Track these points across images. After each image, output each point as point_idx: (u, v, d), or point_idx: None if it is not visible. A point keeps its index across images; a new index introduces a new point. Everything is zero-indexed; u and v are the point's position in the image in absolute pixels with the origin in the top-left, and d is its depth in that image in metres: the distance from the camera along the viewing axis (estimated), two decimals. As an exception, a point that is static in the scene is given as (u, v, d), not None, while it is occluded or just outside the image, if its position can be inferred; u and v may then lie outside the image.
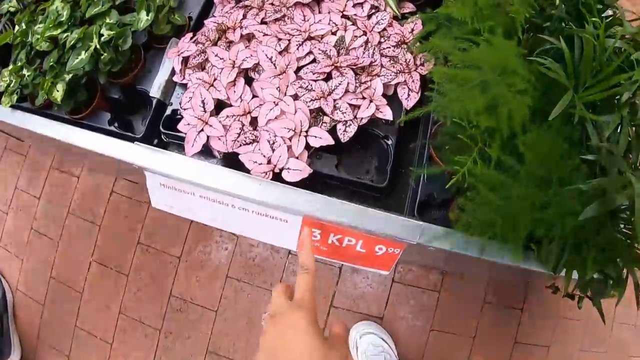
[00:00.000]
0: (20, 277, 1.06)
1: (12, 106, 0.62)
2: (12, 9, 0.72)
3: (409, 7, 0.59)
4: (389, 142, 0.52)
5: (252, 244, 0.90)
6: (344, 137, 0.50)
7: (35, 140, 0.96)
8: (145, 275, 0.92)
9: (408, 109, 0.52)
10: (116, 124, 0.59)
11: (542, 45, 0.41)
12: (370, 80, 0.51)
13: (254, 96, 0.51)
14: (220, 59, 0.52)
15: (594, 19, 0.41)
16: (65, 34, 0.59)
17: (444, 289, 0.93)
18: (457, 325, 0.90)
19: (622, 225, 0.37)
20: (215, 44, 0.54)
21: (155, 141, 0.58)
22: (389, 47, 0.54)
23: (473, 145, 0.40)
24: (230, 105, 0.51)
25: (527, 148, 0.36)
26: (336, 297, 0.91)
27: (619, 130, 0.38)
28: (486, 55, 0.40)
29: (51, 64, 0.57)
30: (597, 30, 0.38)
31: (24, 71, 0.61)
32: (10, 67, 0.64)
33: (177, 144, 0.57)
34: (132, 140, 0.56)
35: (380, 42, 0.54)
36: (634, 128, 0.39)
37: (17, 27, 0.67)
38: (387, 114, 0.50)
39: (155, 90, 0.57)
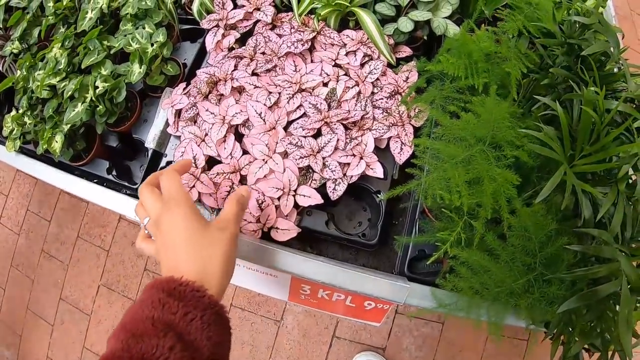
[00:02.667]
0: (31, 297, 1.15)
1: (16, 150, 0.67)
2: (15, 51, 0.77)
3: (406, 52, 0.59)
4: (381, 196, 0.54)
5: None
6: (334, 195, 0.51)
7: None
8: (148, 303, 0.98)
9: (401, 163, 0.53)
10: (114, 173, 0.63)
11: (540, 102, 0.41)
12: (362, 136, 0.53)
13: (244, 152, 0.54)
14: (211, 113, 0.55)
15: (595, 75, 0.40)
16: (64, 83, 0.63)
17: (447, 320, 0.94)
18: (460, 356, 0.91)
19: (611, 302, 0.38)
20: (206, 97, 0.57)
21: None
22: (382, 99, 0.55)
23: (457, 220, 0.41)
24: (221, 162, 0.54)
25: (511, 230, 0.37)
26: (338, 328, 0.94)
27: (614, 206, 0.38)
28: (474, 125, 0.41)
29: (50, 114, 0.62)
30: (598, 92, 0.38)
31: (26, 119, 0.66)
32: (13, 113, 0.69)
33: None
34: (130, 189, 0.60)
35: (373, 93, 0.55)
36: (631, 205, 0.39)
37: (18, 72, 0.72)
38: (377, 171, 0.52)
39: (150, 141, 0.60)
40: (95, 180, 0.63)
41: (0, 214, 1.29)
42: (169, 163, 0.60)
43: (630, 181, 0.40)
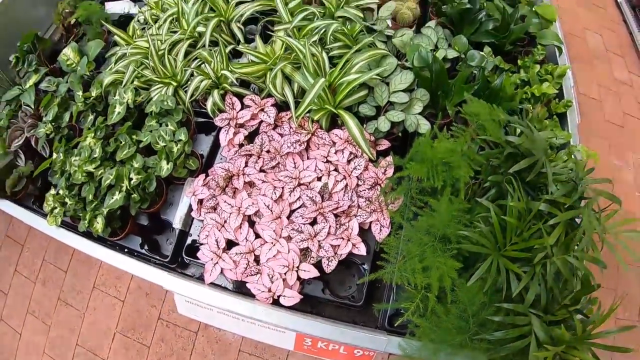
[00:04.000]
0: (48, 343, 1.35)
1: (57, 225, 0.88)
2: (48, 132, 0.98)
3: (385, 144, 0.82)
4: (365, 267, 0.76)
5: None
6: (328, 269, 0.73)
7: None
8: (166, 347, 1.19)
9: (380, 241, 0.75)
10: (146, 247, 0.84)
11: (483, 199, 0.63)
12: (349, 221, 0.75)
13: (257, 236, 0.76)
14: (229, 205, 0.77)
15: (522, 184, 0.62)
16: (100, 171, 0.84)
17: None
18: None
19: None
20: (223, 190, 0.79)
21: (179, 262, 0.83)
22: (365, 190, 0.77)
23: (416, 293, 0.63)
24: (238, 244, 0.76)
25: (453, 302, 0.59)
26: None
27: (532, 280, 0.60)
28: (428, 225, 0.63)
29: (90, 199, 0.83)
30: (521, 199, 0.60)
31: (67, 199, 0.87)
32: (53, 192, 0.90)
33: (197, 264, 0.82)
34: (160, 262, 0.82)
35: (357, 185, 0.77)
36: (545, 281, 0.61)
37: (55, 154, 0.93)
38: (361, 250, 0.74)
39: (177, 222, 0.82)
40: (129, 253, 0.84)
41: (16, 263, 1.49)
42: (194, 241, 0.82)
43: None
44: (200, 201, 0.81)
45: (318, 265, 0.74)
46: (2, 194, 1.00)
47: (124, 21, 1.17)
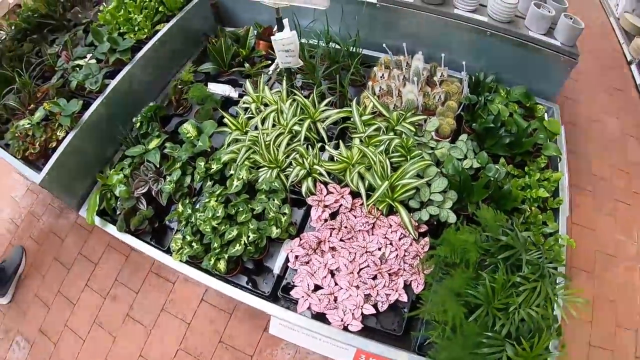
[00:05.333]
0: (110, 352, 2.08)
1: (182, 261, 1.63)
2: (171, 190, 1.75)
3: (424, 228, 1.58)
4: (405, 310, 1.51)
5: (308, 352, 1.89)
6: (381, 309, 1.49)
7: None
8: (225, 365, 1.92)
9: (417, 292, 1.50)
10: (250, 285, 1.59)
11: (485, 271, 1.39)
12: (397, 279, 1.50)
13: (335, 284, 1.51)
14: (318, 261, 1.52)
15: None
16: (223, 227, 1.60)
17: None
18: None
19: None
20: (315, 250, 1.54)
21: (276, 295, 1.58)
22: (409, 258, 1.53)
23: (438, 326, 1.37)
24: (323, 288, 1.51)
25: (460, 333, 1.34)
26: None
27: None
28: (449, 284, 1.39)
29: (215, 247, 1.58)
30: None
31: (194, 244, 1.62)
32: (179, 236, 1.66)
33: (287, 299, 1.56)
34: (261, 296, 1.57)
35: (404, 255, 1.53)
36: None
37: (181, 208, 1.70)
38: (404, 298, 1.49)
39: (276, 268, 1.57)
40: (239, 287, 1.59)
41: (87, 279, 2.23)
42: (287, 283, 1.57)
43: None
44: (296, 256, 1.56)
45: (375, 306, 1.49)
46: (126, 229, 1.77)
47: (224, 101, 1.96)
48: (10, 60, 2.10)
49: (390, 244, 1.55)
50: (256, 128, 1.82)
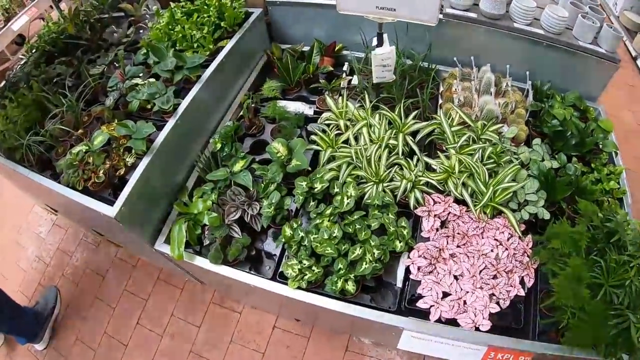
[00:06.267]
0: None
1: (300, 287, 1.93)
2: (270, 214, 2.04)
3: (523, 226, 2.08)
4: (521, 306, 1.98)
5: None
6: (504, 306, 1.94)
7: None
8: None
9: (529, 286, 1.98)
10: (373, 301, 1.94)
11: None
12: (513, 275, 1.97)
13: (461, 288, 1.93)
14: (443, 269, 1.93)
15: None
16: (343, 247, 1.93)
17: None
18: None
19: None
20: (436, 259, 1.95)
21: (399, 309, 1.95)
22: (519, 255, 2.00)
23: (568, 309, 1.86)
24: (450, 294, 1.92)
25: (588, 312, 1.83)
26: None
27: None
28: (570, 273, 1.89)
29: (340, 268, 1.90)
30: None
31: (314, 268, 1.93)
32: (294, 262, 1.95)
33: (414, 310, 1.94)
34: (387, 311, 1.93)
35: (514, 254, 2.00)
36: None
37: (288, 231, 1.99)
38: (522, 292, 1.96)
39: (399, 282, 1.95)
40: (364, 306, 1.93)
41: (139, 316, 2.36)
42: (412, 295, 1.95)
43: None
44: (419, 267, 1.95)
45: (497, 303, 1.93)
46: (221, 261, 2.01)
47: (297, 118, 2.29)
48: (44, 84, 2.19)
49: (500, 244, 2.01)
50: (345, 143, 2.18)
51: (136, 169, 2.04)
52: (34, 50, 2.40)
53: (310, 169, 2.14)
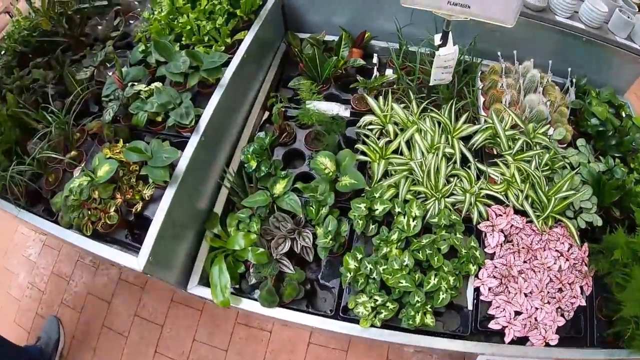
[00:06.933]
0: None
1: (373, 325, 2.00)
2: (329, 243, 2.05)
3: (579, 234, 2.32)
4: (580, 314, 2.24)
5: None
6: (568, 317, 2.18)
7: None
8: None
9: (587, 294, 2.24)
10: (444, 327, 2.07)
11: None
12: (575, 286, 2.21)
13: (531, 306, 2.13)
14: (514, 287, 2.11)
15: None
16: (417, 276, 2.02)
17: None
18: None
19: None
20: (507, 278, 2.11)
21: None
22: (578, 265, 2.25)
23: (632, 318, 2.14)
24: (522, 312, 2.11)
25: None
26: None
27: None
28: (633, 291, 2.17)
29: (417, 300, 1.99)
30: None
31: (388, 304, 2.00)
32: (364, 298, 2.01)
33: (485, 332, 2.10)
34: (459, 336, 2.07)
35: (574, 264, 2.24)
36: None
37: (352, 264, 2.03)
38: (583, 302, 2.22)
39: (470, 304, 2.09)
40: (439, 335, 2.05)
41: (156, 344, 2.27)
42: (484, 317, 2.10)
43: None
44: (489, 288, 2.10)
45: (562, 315, 2.16)
46: (275, 302, 2.00)
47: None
48: (19, 93, 1.90)
49: (561, 255, 2.23)
50: (395, 152, 2.21)
51: (159, 204, 1.88)
52: (2, 52, 2.06)
53: (366, 187, 2.14)
